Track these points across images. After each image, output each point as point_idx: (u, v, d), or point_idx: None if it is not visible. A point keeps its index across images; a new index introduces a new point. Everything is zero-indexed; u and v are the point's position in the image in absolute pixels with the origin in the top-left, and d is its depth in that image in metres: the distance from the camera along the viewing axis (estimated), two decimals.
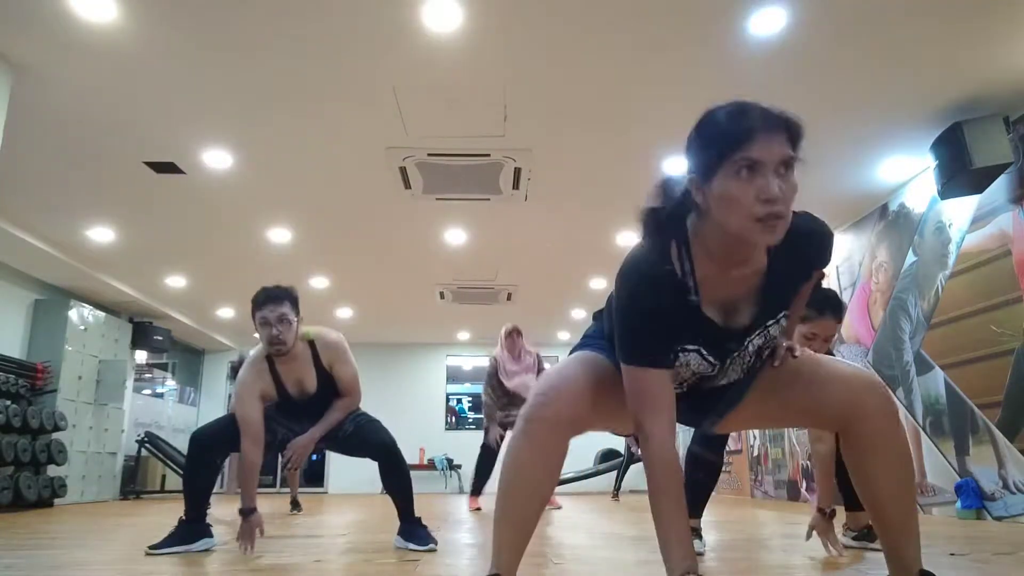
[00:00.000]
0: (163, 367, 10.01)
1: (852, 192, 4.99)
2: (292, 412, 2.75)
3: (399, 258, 6.61)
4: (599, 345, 1.45)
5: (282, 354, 2.62)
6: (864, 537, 2.55)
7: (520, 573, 1.34)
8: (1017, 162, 3.78)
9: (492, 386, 5.34)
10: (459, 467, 10.12)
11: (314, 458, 11.95)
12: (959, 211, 4.26)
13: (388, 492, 2.77)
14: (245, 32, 3.22)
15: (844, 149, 4.36)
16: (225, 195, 5.00)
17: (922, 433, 4.58)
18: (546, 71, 3.55)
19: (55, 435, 6.24)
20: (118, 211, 5.34)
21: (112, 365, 7.47)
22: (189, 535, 2.58)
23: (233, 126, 4.09)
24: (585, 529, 3.61)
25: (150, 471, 8.78)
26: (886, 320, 5.02)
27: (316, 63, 3.47)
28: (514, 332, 5.34)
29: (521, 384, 5.25)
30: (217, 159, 4.46)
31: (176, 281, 7.25)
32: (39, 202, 5.14)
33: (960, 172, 3.83)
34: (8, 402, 5.78)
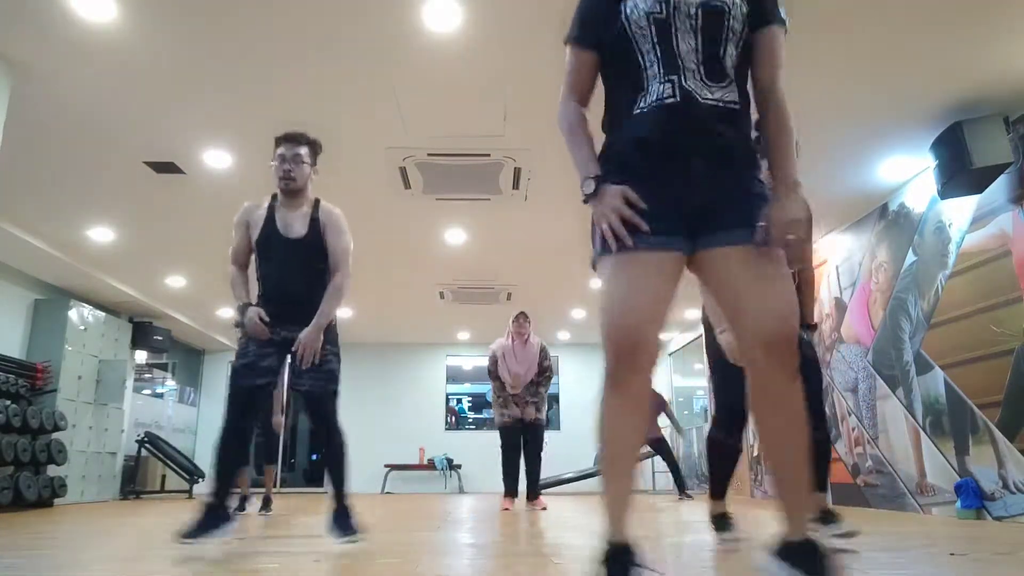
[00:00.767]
0: (163, 367, 10.01)
1: (852, 192, 5.00)
2: (271, 253, 2.68)
3: (399, 258, 6.61)
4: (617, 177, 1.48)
5: (290, 189, 2.67)
6: (821, 520, 2.56)
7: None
8: (1017, 162, 3.78)
9: (495, 379, 5.40)
10: (459, 467, 10.12)
11: (314, 457, 11.97)
12: (959, 211, 4.26)
13: (323, 466, 2.70)
14: (245, 32, 3.22)
15: (844, 149, 4.36)
16: (225, 195, 5.00)
17: (922, 433, 4.58)
18: (546, 71, 3.55)
19: (55, 435, 6.24)
20: (118, 211, 5.35)
21: (112, 365, 7.47)
22: (217, 520, 2.54)
23: (233, 126, 4.09)
24: (585, 529, 3.61)
25: (150, 471, 8.78)
26: (886, 320, 5.02)
27: (316, 63, 3.47)
28: (521, 316, 5.42)
29: (519, 381, 5.25)
30: (217, 159, 4.47)
31: (176, 281, 7.26)
32: (39, 202, 5.14)
33: (960, 172, 3.83)
34: (8, 402, 5.78)
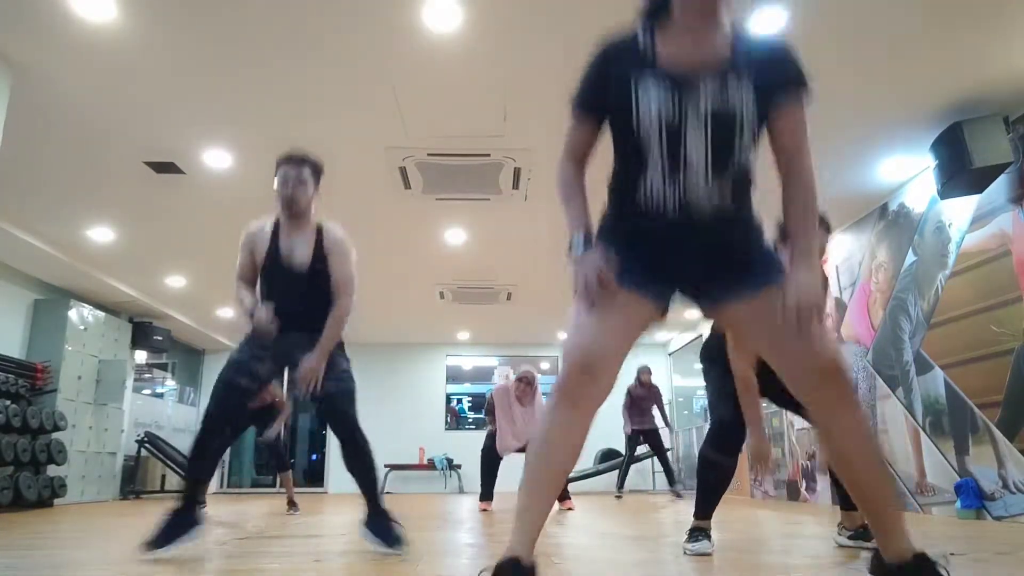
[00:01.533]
0: (163, 367, 10.01)
1: (852, 192, 4.99)
2: (276, 282, 2.63)
3: (399, 258, 6.61)
4: (608, 244, 1.50)
5: (293, 216, 2.62)
6: (860, 536, 2.55)
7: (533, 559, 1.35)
8: (1017, 162, 3.78)
9: (491, 421, 5.33)
10: (459, 467, 10.12)
11: (314, 457, 11.98)
12: (959, 211, 4.26)
13: (350, 472, 2.57)
14: (245, 32, 3.22)
15: (844, 149, 4.36)
16: (225, 195, 5.00)
17: (922, 433, 4.58)
18: (546, 71, 3.55)
19: (55, 435, 6.24)
20: (118, 211, 5.34)
21: (112, 365, 7.47)
22: (183, 526, 2.50)
23: (233, 126, 4.09)
24: (585, 529, 3.61)
25: (150, 471, 8.77)
26: (886, 320, 5.02)
27: (316, 63, 3.47)
28: (523, 380, 5.23)
29: (511, 448, 5.14)
30: (217, 159, 4.47)
31: (176, 281, 7.25)
32: (39, 202, 5.14)
33: (960, 172, 3.83)
34: (8, 402, 5.78)
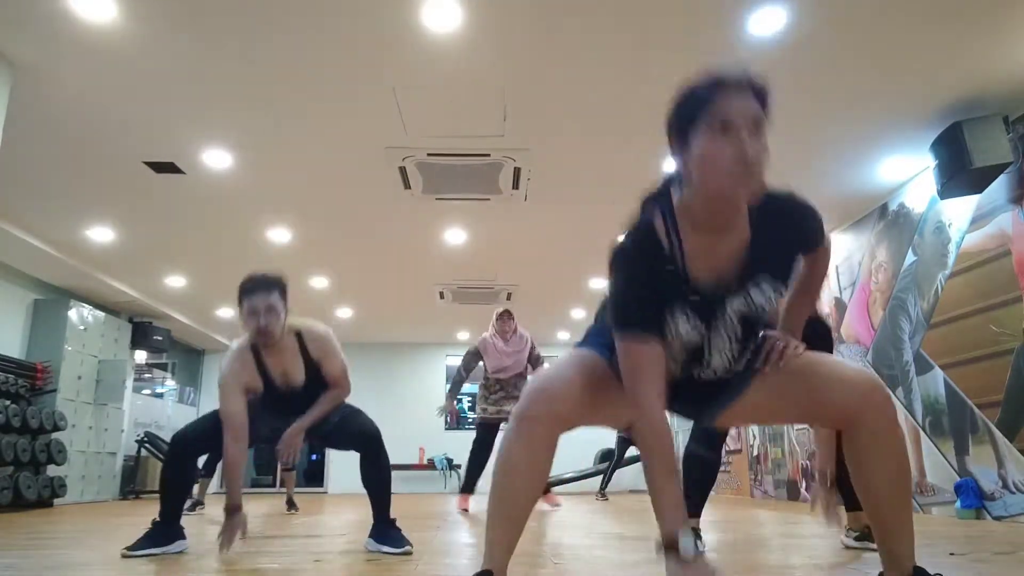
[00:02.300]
0: (163, 367, 10.01)
1: (852, 192, 4.99)
2: (278, 406, 2.64)
3: (399, 258, 6.61)
4: (598, 342, 1.49)
5: (268, 345, 2.54)
6: (865, 537, 2.55)
7: (519, 573, 1.34)
8: (1017, 162, 3.78)
9: (468, 368, 5.25)
10: (459, 467, 10.12)
11: (313, 457, 11.96)
12: (959, 211, 4.26)
13: (365, 486, 2.65)
14: (245, 32, 3.22)
15: (844, 149, 4.36)
16: (225, 195, 5.00)
17: (922, 433, 4.58)
18: (546, 71, 3.55)
19: (55, 435, 6.24)
20: (118, 211, 5.34)
21: (112, 365, 7.46)
22: (165, 537, 2.52)
23: (233, 126, 4.09)
24: (584, 529, 3.61)
25: (150, 471, 8.76)
26: (886, 320, 5.02)
27: (316, 63, 3.47)
28: (505, 314, 5.23)
29: (511, 368, 5.13)
30: (217, 159, 4.47)
31: (176, 281, 7.25)
32: (39, 202, 5.14)
33: (960, 172, 3.83)
34: (8, 402, 5.78)
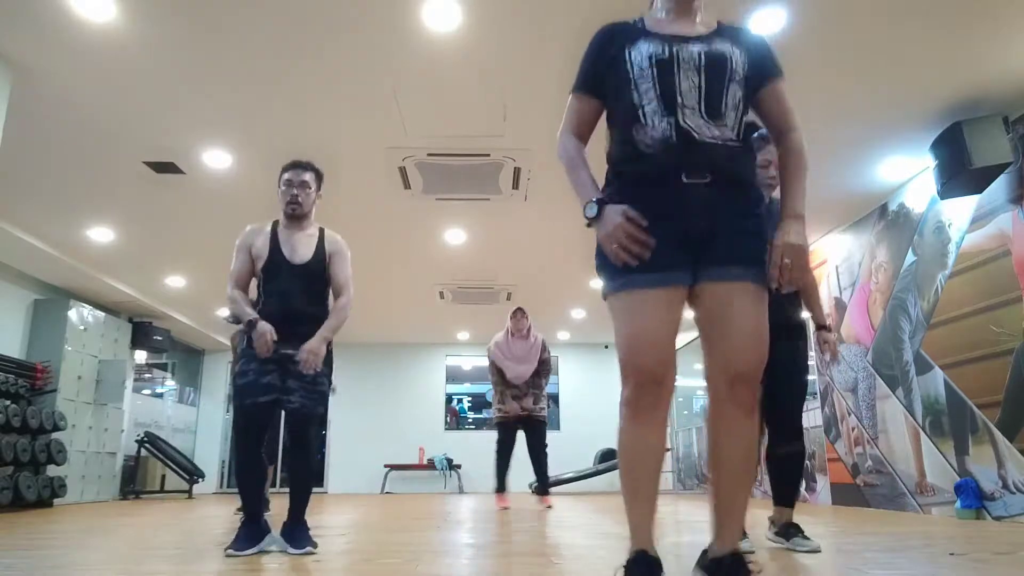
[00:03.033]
0: (163, 367, 10.01)
1: (852, 192, 5.00)
2: (275, 276, 2.72)
3: (399, 258, 6.61)
4: (623, 271, 1.49)
5: (295, 215, 2.77)
6: (782, 534, 2.61)
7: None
8: (1016, 162, 3.78)
9: (494, 372, 5.42)
10: (459, 467, 10.12)
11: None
12: (959, 211, 4.26)
13: (289, 478, 2.62)
14: (245, 32, 3.22)
15: (844, 149, 4.36)
16: (225, 195, 5.00)
17: (922, 433, 4.58)
18: (546, 71, 3.55)
19: (55, 435, 6.24)
20: (118, 211, 5.34)
21: (112, 365, 7.47)
22: (259, 534, 2.55)
23: (233, 126, 4.09)
24: (585, 529, 3.61)
25: (150, 471, 8.78)
26: (886, 320, 5.03)
27: (316, 63, 3.47)
28: (519, 312, 5.43)
29: (521, 375, 5.28)
30: (217, 159, 4.47)
31: (176, 281, 7.25)
32: (39, 202, 5.14)
33: (960, 172, 3.83)
34: (8, 402, 5.78)
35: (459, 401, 11.40)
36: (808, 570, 2.11)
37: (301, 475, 2.66)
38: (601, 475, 9.30)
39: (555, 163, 4.63)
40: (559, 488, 8.99)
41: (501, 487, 5.35)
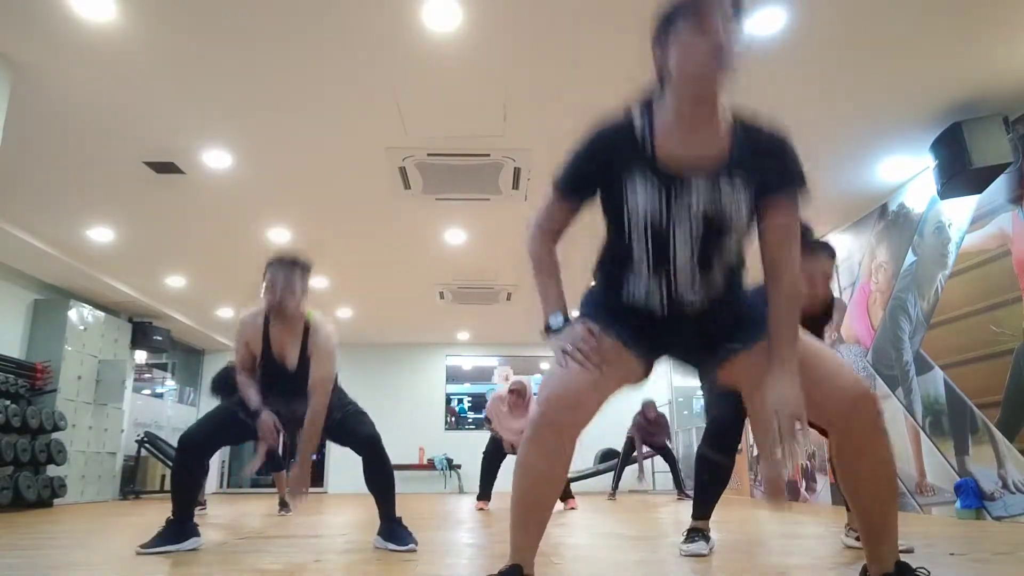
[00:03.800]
0: (163, 367, 10.01)
1: (852, 192, 5.00)
2: (268, 379, 2.74)
3: (399, 258, 6.61)
4: (595, 314, 1.52)
5: (279, 317, 2.72)
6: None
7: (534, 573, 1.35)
8: (1016, 162, 3.78)
9: (489, 424, 5.54)
10: (459, 467, 10.12)
11: (313, 458, 11.96)
12: (959, 211, 4.26)
13: (370, 488, 2.73)
14: (245, 32, 3.22)
15: (844, 149, 4.36)
16: (225, 195, 5.00)
17: (922, 433, 4.58)
18: (546, 71, 3.55)
19: (55, 435, 6.24)
20: (118, 211, 5.34)
21: (112, 365, 7.46)
22: (178, 534, 2.58)
23: (233, 126, 4.09)
24: (585, 529, 3.61)
25: (149, 471, 8.77)
26: (886, 320, 5.03)
27: (316, 63, 3.47)
28: (518, 390, 5.48)
29: (519, 441, 5.31)
30: (217, 159, 4.47)
31: (176, 281, 7.25)
32: (39, 202, 5.14)
33: (960, 172, 3.83)
34: (8, 402, 5.78)
35: (459, 401, 11.40)
36: (808, 570, 2.11)
37: (380, 481, 2.73)
38: (601, 475, 9.30)
39: (555, 163, 4.64)
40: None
41: (486, 496, 5.43)
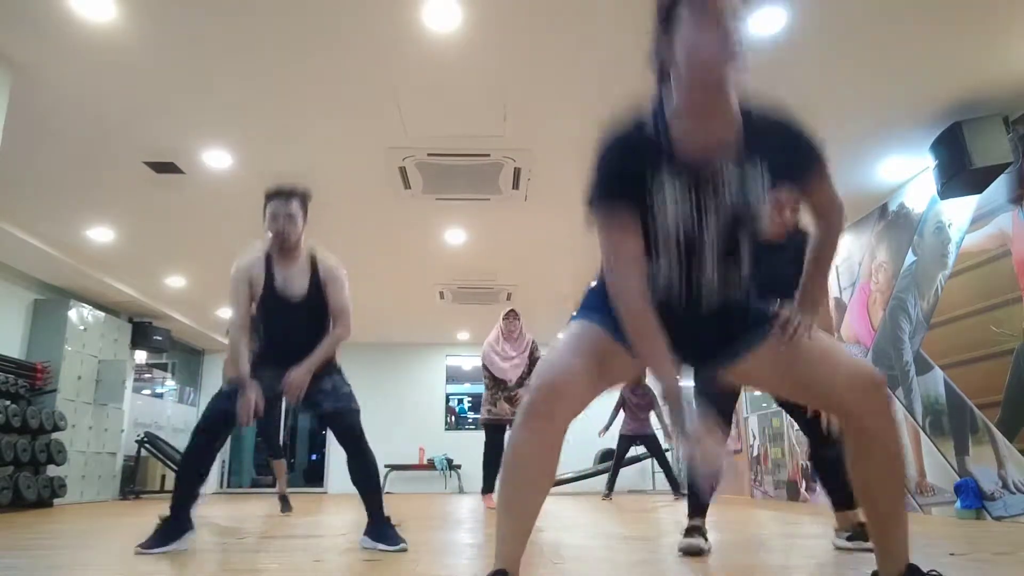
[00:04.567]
0: (163, 367, 10.01)
1: (852, 192, 4.99)
2: (274, 313, 2.71)
3: (399, 258, 6.61)
4: (592, 308, 1.49)
5: (283, 251, 2.70)
6: (857, 536, 2.54)
7: (519, 573, 1.34)
8: (1016, 162, 3.78)
9: (487, 376, 5.41)
10: (459, 467, 10.12)
11: (313, 457, 11.96)
12: (959, 211, 4.26)
13: (355, 484, 2.68)
14: (245, 32, 3.22)
15: (844, 149, 4.36)
16: (225, 195, 5.00)
17: (922, 433, 4.58)
18: (546, 71, 3.55)
19: (55, 435, 6.23)
20: (118, 211, 5.34)
21: (112, 365, 7.47)
22: (175, 531, 2.54)
23: (233, 126, 4.09)
24: (585, 529, 3.61)
25: (149, 471, 8.77)
26: (886, 320, 5.03)
27: (316, 63, 3.47)
28: (511, 314, 5.41)
29: (513, 370, 5.29)
30: (217, 159, 4.47)
31: (176, 281, 7.25)
32: (39, 202, 5.14)
33: (960, 172, 3.83)
34: (8, 402, 5.77)
35: (459, 401, 11.40)
36: (808, 570, 2.11)
37: (363, 473, 2.67)
38: (601, 475, 9.29)
39: (555, 163, 4.65)
40: (558, 488, 9.00)
41: (491, 488, 5.37)
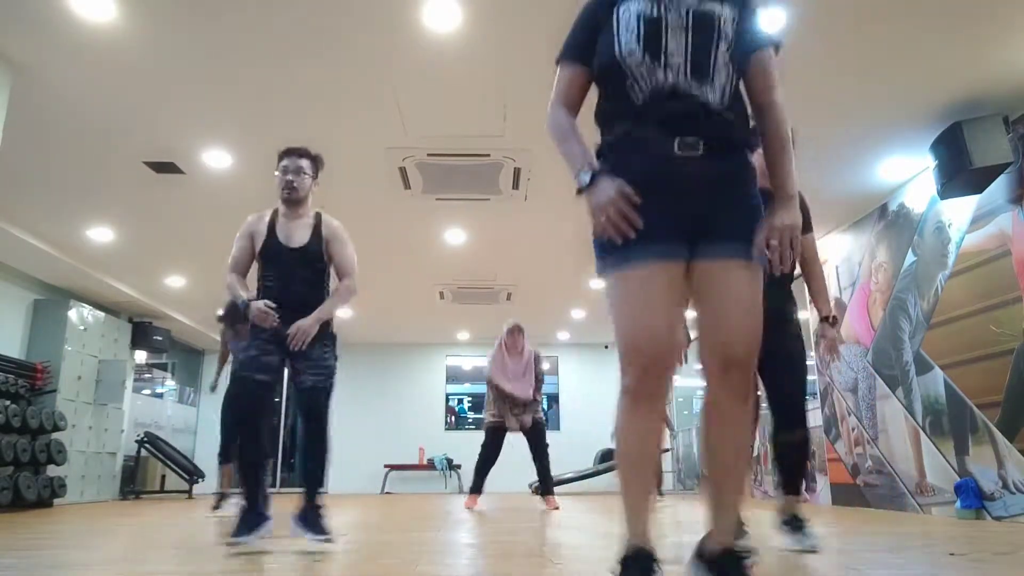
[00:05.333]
0: (163, 367, 10.00)
1: (852, 192, 4.99)
2: (272, 261, 2.73)
3: (399, 258, 6.61)
4: (629, 247, 1.43)
5: (292, 199, 2.77)
6: (788, 523, 2.55)
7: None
8: (1016, 162, 3.78)
9: (493, 389, 5.42)
10: (459, 467, 10.12)
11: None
12: (959, 211, 4.26)
13: (303, 462, 2.67)
14: (245, 32, 3.22)
15: (844, 149, 4.36)
16: (225, 195, 5.00)
17: (922, 433, 4.58)
18: (546, 71, 3.53)
19: (55, 435, 6.23)
20: (118, 211, 5.34)
21: (112, 365, 7.47)
22: (255, 522, 2.57)
23: (233, 126, 4.09)
24: (585, 529, 3.61)
25: (149, 471, 8.77)
26: (886, 320, 5.02)
27: (316, 63, 3.47)
28: (515, 329, 5.41)
29: (523, 393, 5.29)
30: (217, 159, 4.47)
31: (176, 281, 7.25)
32: (39, 202, 5.14)
33: (960, 172, 3.83)
34: (8, 402, 5.78)
35: (459, 401, 11.40)
36: (808, 570, 2.11)
37: (315, 457, 2.69)
38: (601, 475, 9.29)
39: (555, 163, 4.62)
40: (559, 488, 8.98)
41: (479, 489, 5.43)
